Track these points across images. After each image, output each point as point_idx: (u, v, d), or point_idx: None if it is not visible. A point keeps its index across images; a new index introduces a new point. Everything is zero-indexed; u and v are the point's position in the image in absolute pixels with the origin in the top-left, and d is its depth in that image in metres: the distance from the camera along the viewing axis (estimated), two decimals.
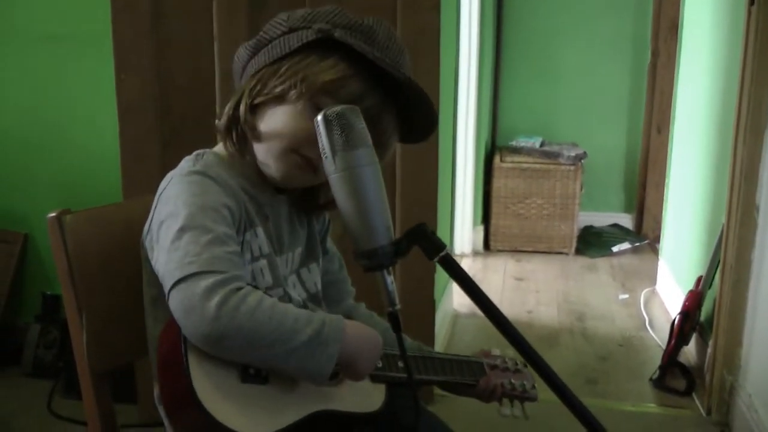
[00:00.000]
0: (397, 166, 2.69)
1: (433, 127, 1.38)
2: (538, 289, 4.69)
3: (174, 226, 1.20)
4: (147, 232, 1.30)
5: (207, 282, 1.13)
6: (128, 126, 2.62)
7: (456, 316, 4.05)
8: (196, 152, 1.37)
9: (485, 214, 5.58)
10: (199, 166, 1.30)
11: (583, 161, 5.39)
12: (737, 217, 2.84)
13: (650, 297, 4.48)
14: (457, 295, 4.14)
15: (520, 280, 4.88)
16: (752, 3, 2.73)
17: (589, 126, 5.94)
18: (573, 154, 5.34)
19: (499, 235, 5.50)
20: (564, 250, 5.44)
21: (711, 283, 3.27)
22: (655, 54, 5.67)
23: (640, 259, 5.34)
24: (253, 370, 1.20)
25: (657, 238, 5.15)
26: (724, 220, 2.98)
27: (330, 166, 1.14)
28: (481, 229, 5.53)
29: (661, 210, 4.91)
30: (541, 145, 5.57)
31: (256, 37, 1.36)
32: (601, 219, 6.00)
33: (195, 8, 2.57)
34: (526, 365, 1.65)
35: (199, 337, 1.13)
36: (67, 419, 2.91)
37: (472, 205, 5.29)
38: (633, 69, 5.87)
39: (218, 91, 2.55)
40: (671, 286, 4.23)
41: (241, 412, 1.17)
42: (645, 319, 4.10)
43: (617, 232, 5.82)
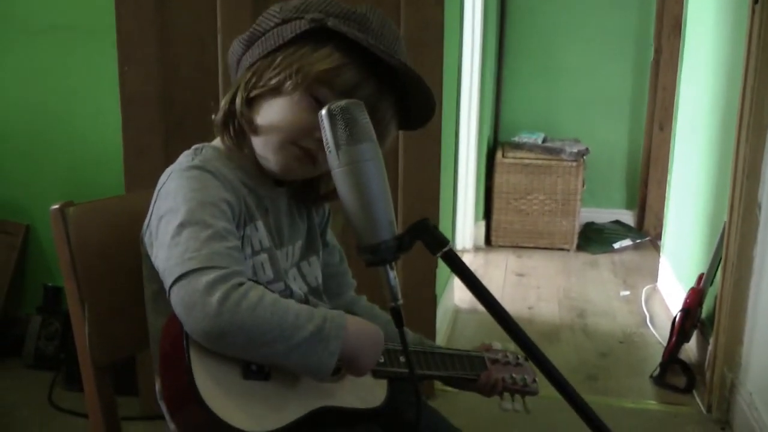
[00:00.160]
0: (400, 160, 2.68)
1: (431, 113, 1.37)
2: (539, 285, 4.69)
3: (173, 222, 1.20)
4: (146, 228, 1.29)
5: (208, 278, 1.12)
6: (131, 118, 2.62)
7: (457, 312, 4.05)
8: (195, 146, 1.36)
9: (487, 210, 5.58)
10: (198, 160, 1.29)
11: (585, 157, 5.38)
12: (739, 214, 2.84)
13: (651, 294, 4.48)
14: (458, 291, 4.14)
15: (521, 275, 4.88)
16: (756, 2, 2.73)
17: (591, 122, 5.94)
18: (575, 151, 5.34)
19: (501, 230, 5.50)
20: (565, 247, 5.43)
21: (712, 281, 3.27)
22: (658, 51, 5.66)
23: (642, 256, 5.34)
24: (255, 367, 1.20)
25: (658, 235, 5.15)
26: (726, 218, 2.98)
27: (334, 161, 1.13)
28: (482, 224, 5.53)
29: (663, 207, 4.90)
30: (543, 141, 5.57)
31: (250, 30, 1.35)
32: (602, 215, 6.00)
33: (199, 0, 2.57)
34: (527, 359, 1.65)
35: (201, 333, 1.13)
36: (68, 411, 2.92)
37: (474, 200, 5.29)
38: (636, 66, 5.87)
39: (221, 84, 2.55)
40: (672, 283, 4.23)
41: (243, 408, 1.17)
42: (646, 316, 4.10)
43: (619, 229, 5.82)
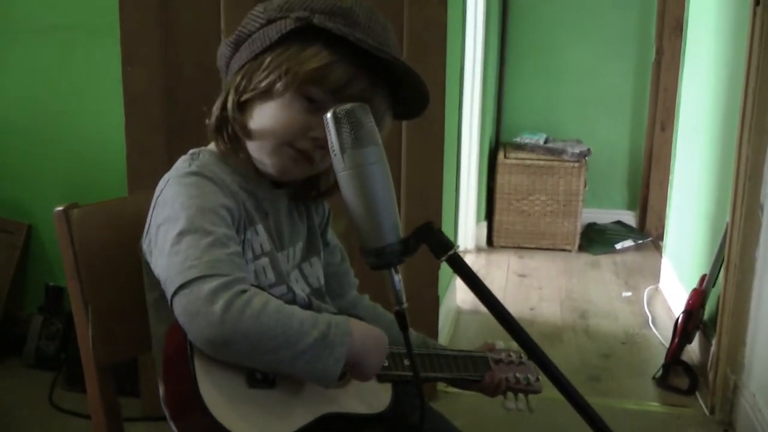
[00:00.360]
0: (402, 161, 2.68)
1: (426, 102, 1.35)
2: (541, 285, 4.68)
3: (173, 230, 1.19)
4: (145, 236, 1.28)
5: (210, 285, 1.12)
6: (134, 118, 2.61)
7: (459, 313, 4.04)
8: (191, 151, 1.35)
9: (488, 211, 5.58)
10: (195, 166, 1.28)
11: (586, 158, 5.38)
12: (741, 215, 2.84)
13: (653, 295, 4.48)
14: (461, 292, 4.13)
15: (523, 276, 4.88)
16: (757, 3, 2.73)
17: (593, 123, 5.93)
18: (577, 151, 5.33)
19: (503, 231, 5.49)
20: (567, 247, 5.43)
21: (715, 282, 3.26)
22: (660, 52, 5.66)
23: (643, 257, 5.33)
24: (260, 375, 1.19)
25: (660, 236, 5.15)
26: (728, 219, 2.98)
27: (338, 164, 1.13)
28: (484, 225, 5.53)
29: (665, 207, 4.90)
30: (545, 141, 5.57)
31: (236, 32, 1.33)
32: (604, 216, 6.00)
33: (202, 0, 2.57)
34: (529, 357, 1.65)
35: (205, 341, 1.12)
36: (69, 412, 2.92)
37: (476, 201, 5.29)
38: (637, 66, 5.86)
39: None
40: (674, 284, 4.23)
41: (248, 417, 1.17)
42: (648, 317, 4.10)
43: (620, 230, 5.81)
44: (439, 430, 1.52)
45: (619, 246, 5.48)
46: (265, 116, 1.28)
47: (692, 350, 3.50)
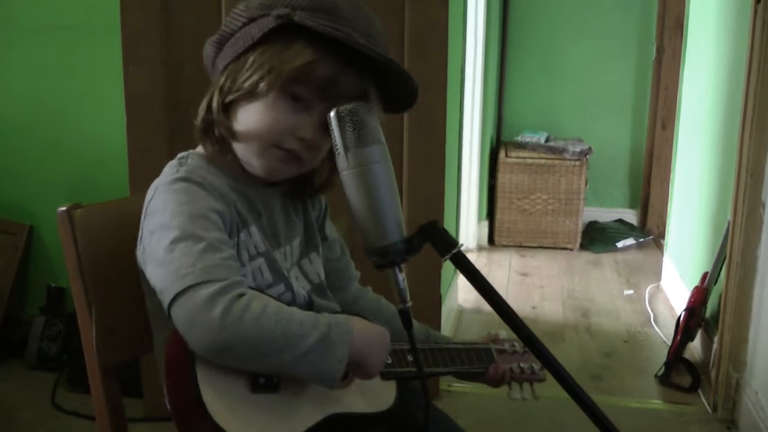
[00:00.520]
0: (404, 160, 2.68)
1: (414, 95, 1.32)
2: (543, 284, 4.69)
3: (165, 239, 1.18)
4: (139, 244, 1.27)
5: (206, 292, 1.11)
6: (135, 118, 2.61)
7: (461, 312, 4.04)
8: (180, 155, 1.34)
9: (490, 209, 5.58)
10: (183, 171, 1.26)
11: (588, 157, 5.38)
12: (743, 213, 2.84)
13: (655, 293, 4.48)
14: (462, 291, 4.14)
15: (524, 275, 4.88)
16: (758, 1, 2.72)
17: (594, 122, 5.92)
18: (578, 150, 5.33)
19: (504, 230, 5.49)
20: (568, 246, 5.43)
21: (716, 280, 3.27)
22: (660, 50, 5.66)
23: (645, 255, 5.33)
24: (263, 380, 1.19)
25: (661, 234, 5.15)
26: (729, 217, 2.98)
27: (342, 163, 1.12)
28: (485, 223, 5.53)
29: (666, 206, 4.90)
30: (546, 140, 5.57)
31: (219, 32, 1.31)
32: (605, 214, 5.99)
33: (204, 0, 2.57)
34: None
35: (205, 348, 1.12)
36: (71, 413, 2.92)
37: (477, 199, 5.28)
38: (638, 65, 5.86)
39: None
40: (676, 282, 4.23)
41: (252, 422, 1.16)
42: (650, 315, 4.09)
43: (622, 228, 5.81)
44: (444, 430, 1.52)
45: (620, 244, 5.48)
46: (250, 117, 1.26)
47: (694, 348, 3.50)
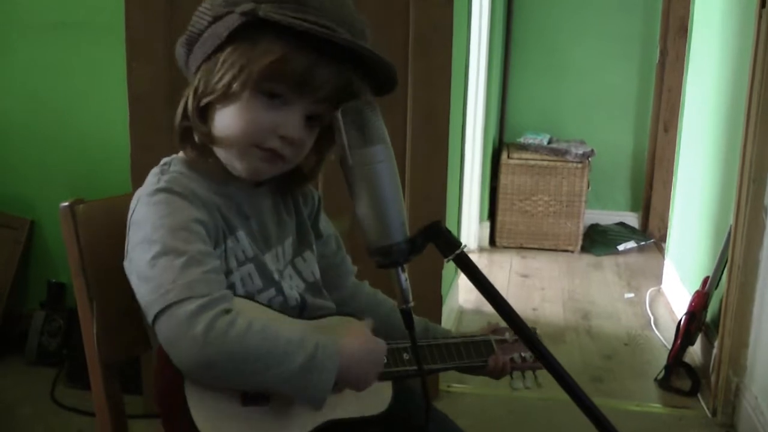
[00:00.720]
0: (407, 161, 2.68)
1: (394, 76, 1.26)
2: (544, 286, 4.69)
3: (146, 254, 1.16)
4: (126, 256, 1.24)
5: (188, 308, 1.10)
6: (138, 115, 2.61)
7: (461, 312, 4.04)
8: (163, 161, 1.32)
9: (491, 211, 5.58)
10: (164, 181, 1.23)
11: (590, 159, 5.38)
12: (745, 217, 2.83)
13: (655, 296, 4.48)
14: (463, 291, 4.14)
15: (525, 277, 4.87)
16: (763, 5, 2.72)
17: (596, 124, 5.93)
18: (580, 152, 5.33)
19: (505, 231, 5.49)
20: (570, 248, 5.43)
21: (718, 284, 3.26)
22: (664, 53, 5.66)
23: (646, 258, 5.33)
24: (253, 391, 1.18)
25: (663, 238, 5.15)
26: (731, 221, 2.97)
27: (346, 162, 1.11)
28: (487, 225, 5.53)
29: (668, 209, 4.90)
30: (549, 142, 5.57)
31: (187, 32, 1.28)
32: (607, 217, 6.00)
33: None
34: (534, 332, 1.63)
35: (189, 365, 1.11)
36: (71, 408, 2.92)
37: (479, 200, 5.28)
38: (641, 67, 5.86)
39: None
40: (677, 286, 4.23)
41: None
42: (650, 319, 4.09)
43: (623, 231, 5.81)
44: (443, 430, 1.52)
45: (621, 247, 5.48)
46: (227, 120, 1.23)
47: (694, 352, 3.50)
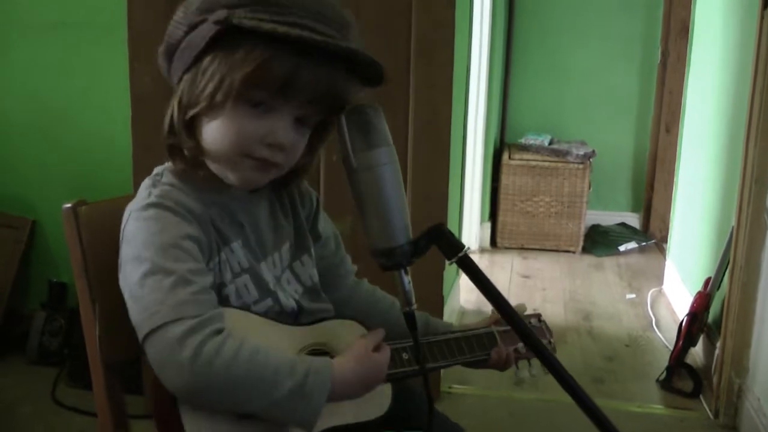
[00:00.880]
0: (408, 162, 2.68)
1: (379, 67, 1.20)
2: (545, 287, 4.69)
3: (136, 273, 1.15)
4: (121, 270, 1.22)
5: (176, 331, 1.10)
6: (141, 115, 2.60)
7: (462, 313, 4.04)
8: (155, 171, 1.30)
9: (492, 211, 5.58)
10: (155, 196, 1.21)
11: (591, 160, 5.38)
12: (747, 218, 2.83)
13: (657, 297, 4.47)
14: (464, 292, 4.14)
15: (526, 277, 4.87)
16: (765, 6, 2.72)
17: (598, 125, 5.93)
18: (581, 153, 5.33)
19: (506, 232, 5.49)
20: (571, 249, 5.43)
21: (719, 285, 3.26)
22: (665, 54, 5.66)
23: (647, 259, 5.33)
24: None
25: (664, 238, 5.15)
26: (733, 222, 2.97)
27: (350, 165, 1.11)
28: (488, 225, 5.53)
29: (669, 210, 4.90)
30: (550, 143, 5.57)
31: (164, 42, 1.25)
32: (608, 218, 5.99)
33: None
34: (539, 320, 1.63)
35: (176, 390, 1.11)
36: (71, 408, 2.92)
37: (480, 201, 5.28)
38: (642, 69, 5.86)
39: None
40: (678, 287, 4.22)
41: None
42: (652, 320, 4.09)
43: (624, 231, 5.81)
44: (444, 430, 1.51)
45: (622, 248, 5.48)
46: (214, 132, 1.20)
47: (696, 353, 3.49)
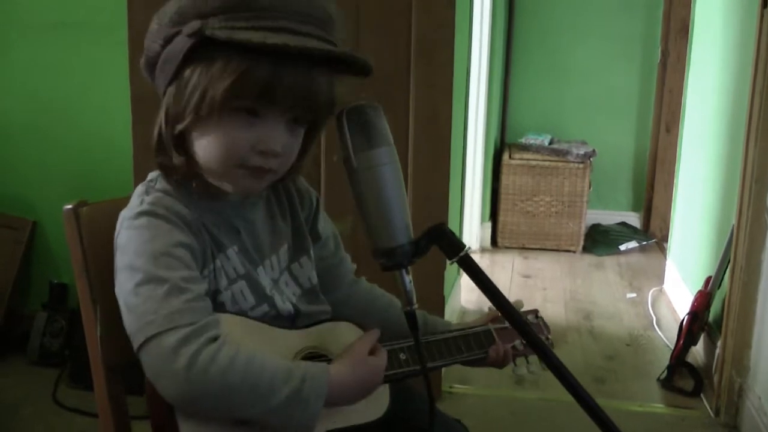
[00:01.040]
0: (409, 162, 2.68)
1: (361, 60, 1.18)
2: (546, 286, 4.68)
3: (129, 283, 1.15)
4: (116, 278, 1.21)
5: (170, 341, 1.09)
6: (141, 115, 2.60)
7: (463, 312, 4.04)
8: (149, 177, 1.28)
9: (493, 211, 5.57)
10: (147, 203, 1.20)
11: (591, 159, 5.38)
12: (748, 218, 2.83)
13: (657, 296, 4.47)
14: (465, 291, 4.13)
15: (527, 277, 4.87)
16: (765, 5, 2.72)
17: (598, 124, 5.93)
18: (582, 152, 5.33)
19: (507, 232, 5.49)
20: (571, 248, 5.43)
21: (720, 284, 3.26)
22: (665, 54, 5.66)
23: (648, 258, 5.33)
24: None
25: (664, 238, 5.15)
26: (734, 221, 2.97)
27: (351, 165, 1.10)
28: (488, 225, 5.53)
29: (669, 209, 4.90)
30: (550, 142, 5.57)
31: (144, 55, 1.23)
32: (608, 217, 5.99)
33: None
34: (537, 316, 1.62)
35: (172, 399, 1.11)
36: (72, 409, 2.92)
37: (480, 201, 5.28)
38: (643, 68, 5.86)
39: None
40: (678, 286, 4.22)
41: None
42: (652, 319, 4.09)
43: (625, 231, 5.81)
44: (445, 430, 1.51)
45: (623, 247, 5.48)
46: (205, 146, 1.19)
47: (697, 352, 3.49)
